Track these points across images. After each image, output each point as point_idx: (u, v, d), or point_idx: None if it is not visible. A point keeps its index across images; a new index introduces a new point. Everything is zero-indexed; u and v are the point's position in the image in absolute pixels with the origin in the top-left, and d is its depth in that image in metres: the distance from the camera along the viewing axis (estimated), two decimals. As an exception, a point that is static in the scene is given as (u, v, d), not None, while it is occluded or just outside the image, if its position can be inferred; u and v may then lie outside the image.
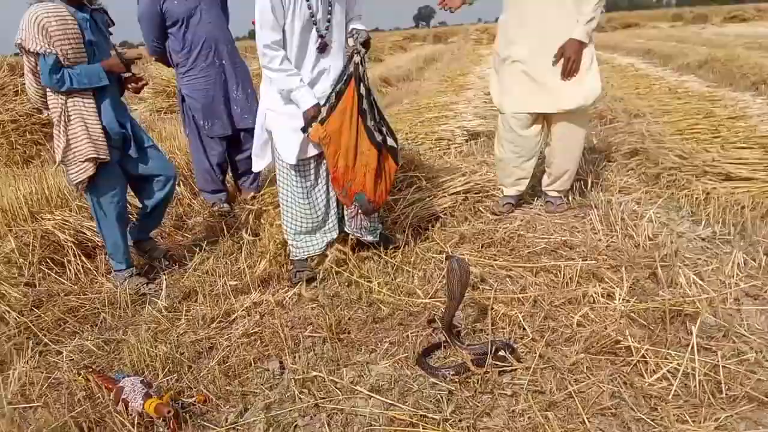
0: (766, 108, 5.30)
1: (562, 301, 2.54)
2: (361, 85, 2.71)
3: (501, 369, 2.09)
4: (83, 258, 3.41)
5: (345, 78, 2.72)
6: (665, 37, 19.25)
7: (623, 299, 2.44)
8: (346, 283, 2.93)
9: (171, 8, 3.83)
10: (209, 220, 4.13)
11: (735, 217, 3.22)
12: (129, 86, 3.14)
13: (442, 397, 2.00)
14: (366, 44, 2.74)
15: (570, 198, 3.77)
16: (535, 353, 2.16)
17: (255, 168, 3.20)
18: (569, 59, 3.18)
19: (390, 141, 2.86)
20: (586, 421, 1.82)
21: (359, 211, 2.92)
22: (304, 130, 2.73)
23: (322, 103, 2.72)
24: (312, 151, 2.82)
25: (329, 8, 2.72)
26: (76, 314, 2.92)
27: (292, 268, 3.09)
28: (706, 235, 3.08)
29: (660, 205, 3.51)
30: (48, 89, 2.85)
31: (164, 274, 3.26)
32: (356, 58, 2.70)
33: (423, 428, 1.84)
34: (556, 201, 3.68)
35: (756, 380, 1.92)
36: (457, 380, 2.07)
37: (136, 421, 1.96)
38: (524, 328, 2.36)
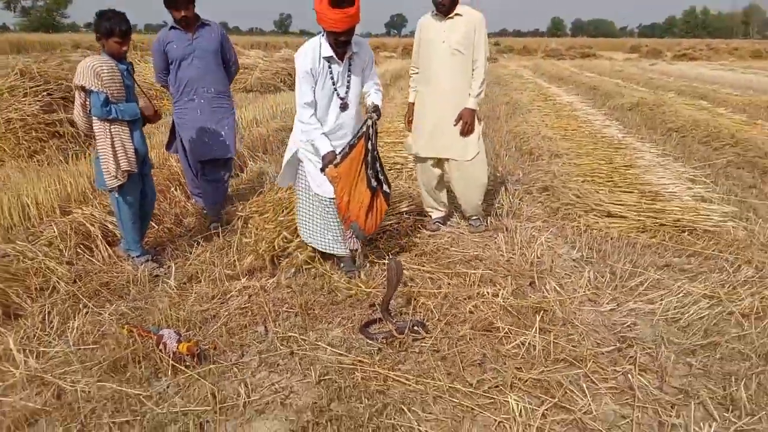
0: (654, 159, 6.56)
1: (464, 296, 3.64)
2: (369, 142, 3.63)
3: (414, 337, 3.17)
4: (108, 245, 4.36)
5: (358, 135, 3.63)
6: (614, 72, 20.82)
7: (504, 297, 3.56)
8: (313, 276, 3.96)
9: (171, 50, 4.73)
10: (202, 220, 5.11)
11: (601, 246, 4.39)
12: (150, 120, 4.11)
13: (374, 352, 3.07)
14: (376, 111, 3.70)
15: (488, 221, 4.90)
16: (438, 329, 3.25)
17: (281, 184, 4.20)
18: (466, 123, 4.31)
19: (385, 187, 3.79)
20: (461, 368, 2.91)
21: (352, 234, 3.89)
22: (322, 170, 3.70)
23: (339, 151, 3.63)
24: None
25: (348, 80, 3.72)
26: (108, 287, 3.87)
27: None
28: (575, 257, 4.23)
29: (552, 232, 4.67)
30: (95, 118, 3.80)
31: (172, 261, 4.23)
32: (369, 122, 3.62)
33: (360, 368, 2.90)
34: (475, 223, 4.80)
35: (571, 350, 3.05)
36: (385, 343, 3.14)
37: (171, 357, 2.96)
38: (434, 313, 3.45)
